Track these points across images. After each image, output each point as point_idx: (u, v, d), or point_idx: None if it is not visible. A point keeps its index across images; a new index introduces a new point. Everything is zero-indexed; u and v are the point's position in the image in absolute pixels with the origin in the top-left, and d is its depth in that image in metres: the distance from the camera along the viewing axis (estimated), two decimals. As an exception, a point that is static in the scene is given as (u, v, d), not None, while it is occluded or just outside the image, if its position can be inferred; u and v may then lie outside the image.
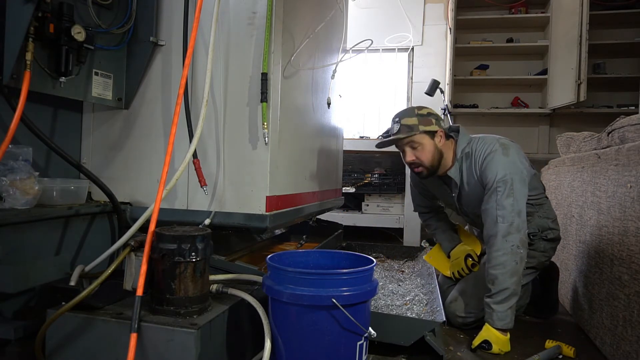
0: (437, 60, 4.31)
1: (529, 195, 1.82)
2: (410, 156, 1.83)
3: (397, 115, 1.85)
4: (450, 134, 1.93)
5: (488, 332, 1.64)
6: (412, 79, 4.40)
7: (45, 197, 1.50)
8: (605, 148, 1.71)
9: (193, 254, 1.19)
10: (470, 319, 1.84)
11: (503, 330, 1.64)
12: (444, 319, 1.62)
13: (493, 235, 1.68)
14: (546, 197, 1.97)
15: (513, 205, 1.67)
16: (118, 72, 1.73)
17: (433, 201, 2.29)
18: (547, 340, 1.69)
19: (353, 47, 2.43)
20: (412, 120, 1.80)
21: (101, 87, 1.66)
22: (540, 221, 1.91)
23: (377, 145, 1.90)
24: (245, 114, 1.65)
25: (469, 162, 1.85)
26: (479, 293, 1.76)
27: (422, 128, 1.79)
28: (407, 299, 1.99)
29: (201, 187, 1.60)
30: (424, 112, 1.83)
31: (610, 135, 1.69)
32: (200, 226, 1.55)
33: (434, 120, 1.82)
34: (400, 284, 2.26)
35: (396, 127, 1.83)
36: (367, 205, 3.83)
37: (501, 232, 1.66)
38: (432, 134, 1.82)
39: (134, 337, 1.07)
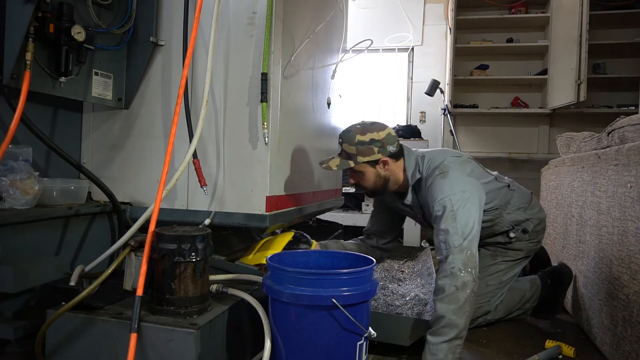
0: (437, 60, 4.32)
1: (490, 203, 1.74)
2: (351, 180, 1.82)
3: (341, 136, 1.76)
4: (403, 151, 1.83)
5: None
6: (412, 79, 4.40)
7: (45, 197, 1.50)
8: (605, 148, 1.71)
9: (193, 254, 1.19)
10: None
11: None
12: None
13: (440, 262, 1.56)
14: (512, 190, 1.86)
15: (455, 227, 1.53)
16: (118, 72, 1.73)
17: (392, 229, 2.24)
18: (547, 340, 1.69)
19: (353, 47, 2.43)
20: (351, 149, 1.72)
21: (101, 87, 1.66)
22: (511, 217, 1.83)
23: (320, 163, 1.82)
24: (245, 114, 1.65)
25: (420, 187, 1.78)
26: None
27: (360, 159, 1.71)
28: (407, 299, 1.98)
29: (201, 187, 1.60)
30: (367, 138, 1.70)
31: (610, 135, 1.69)
32: (200, 226, 1.55)
33: (376, 149, 1.71)
34: (400, 284, 2.26)
35: (338, 149, 1.76)
36: (367, 205, 3.83)
37: (443, 255, 1.53)
38: (374, 162, 1.74)
39: (134, 337, 1.07)
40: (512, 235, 1.81)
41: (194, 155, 1.54)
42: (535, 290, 1.95)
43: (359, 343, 1.21)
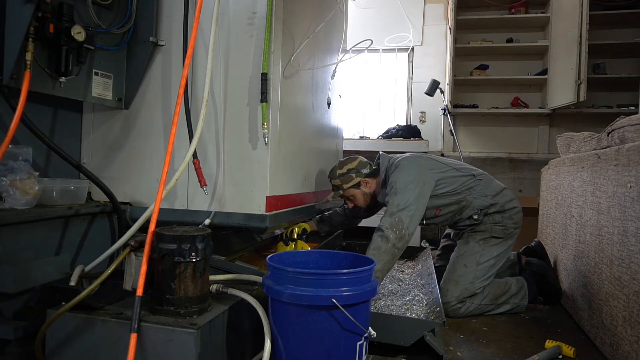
0: (437, 60, 4.31)
1: (447, 187, 2.06)
2: (349, 205, 2.27)
3: (328, 176, 2.25)
4: (378, 161, 2.22)
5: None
6: (412, 79, 4.40)
7: (45, 197, 1.50)
8: (605, 148, 1.71)
9: (193, 254, 1.19)
10: (459, 306, 1.96)
11: None
12: (444, 319, 1.62)
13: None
14: (479, 179, 2.12)
15: (394, 200, 1.95)
16: (118, 72, 1.73)
17: None
18: (547, 340, 1.69)
19: (353, 47, 2.43)
20: (337, 182, 2.19)
21: (101, 87, 1.66)
22: (477, 202, 2.09)
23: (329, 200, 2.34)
24: (245, 114, 1.65)
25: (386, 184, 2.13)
26: (454, 277, 1.99)
27: (345, 186, 2.18)
28: (407, 299, 1.99)
29: (201, 187, 1.60)
30: (344, 170, 2.17)
31: (610, 135, 1.69)
32: (200, 226, 1.55)
33: (354, 175, 2.17)
34: (400, 284, 2.26)
35: (331, 186, 2.25)
36: (367, 205, 3.82)
37: (382, 219, 1.95)
38: (357, 185, 2.17)
39: (133, 337, 1.07)
40: (475, 217, 2.10)
41: (194, 155, 1.54)
42: (521, 287, 2.09)
43: (359, 343, 1.21)
